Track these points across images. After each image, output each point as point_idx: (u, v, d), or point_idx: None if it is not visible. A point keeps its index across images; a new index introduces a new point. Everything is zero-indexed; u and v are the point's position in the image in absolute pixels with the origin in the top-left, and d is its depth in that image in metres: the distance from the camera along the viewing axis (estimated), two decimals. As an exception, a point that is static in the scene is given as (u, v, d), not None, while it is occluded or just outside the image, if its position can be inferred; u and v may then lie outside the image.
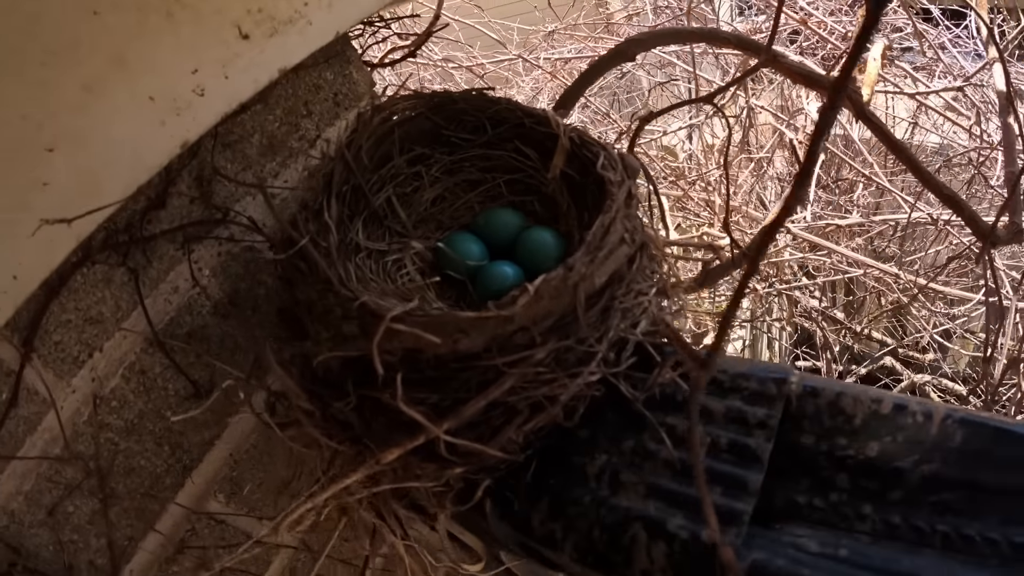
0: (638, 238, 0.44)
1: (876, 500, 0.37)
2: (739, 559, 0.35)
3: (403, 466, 0.42)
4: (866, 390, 0.39)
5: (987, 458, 0.36)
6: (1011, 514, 0.34)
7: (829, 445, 0.38)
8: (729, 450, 0.38)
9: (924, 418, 0.37)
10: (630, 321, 0.43)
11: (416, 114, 0.51)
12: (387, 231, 0.52)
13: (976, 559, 0.34)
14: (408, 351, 0.40)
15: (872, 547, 0.36)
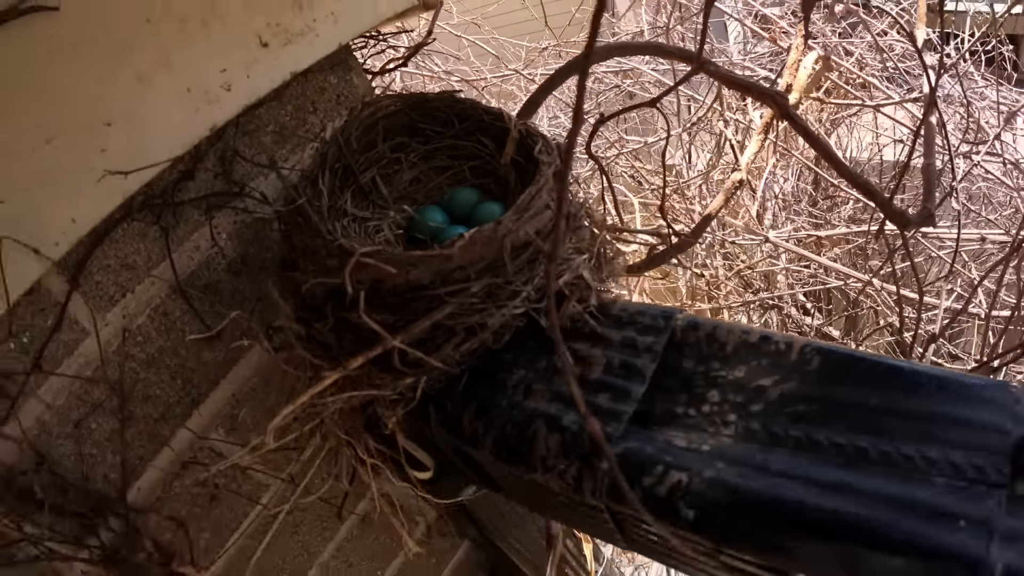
0: (566, 207, 0.56)
1: (740, 411, 0.46)
2: (615, 446, 0.45)
3: (366, 375, 0.52)
4: (739, 325, 0.49)
5: (839, 379, 0.44)
6: (856, 424, 0.43)
7: (705, 367, 0.48)
8: (620, 367, 0.48)
9: (786, 347, 0.47)
10: (562, 267, 0.54)
11: (397, 110, 0.64)
12: (371, 204, 0.64)
13: (822, 458, 0.43)
14: (373, 282, 0.51)
15: (732, 446, 0.45)
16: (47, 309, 0.62)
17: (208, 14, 0.60)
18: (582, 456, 0.45)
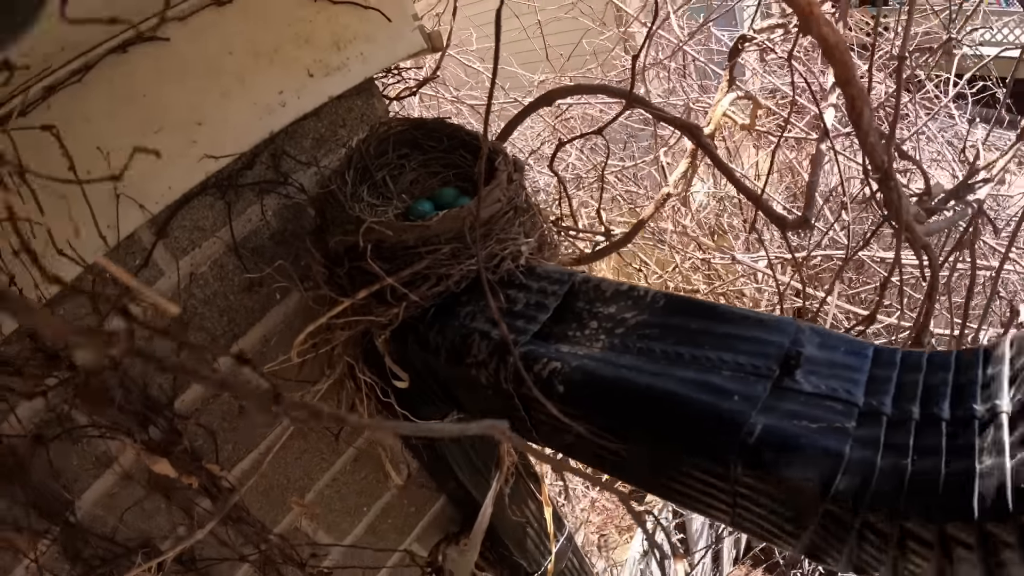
0: (515, 201, 0.79)
1: (608, 332, 0.67)
2: (520, 348, 0.67)
3: (366, 307, 0.76)
4: (616, 280, 0.72)
5: (674, 313, 0.65)
6: (680, 339, 0.63)
7: (590, 307, 0.70)
8: (534, 305, 0.71)
9: (644, 292, 0.69)
10: (505, 243, 0.77)
11: (404, 129, 0.88)
12: (381, 195, 0.88)
13: (653, 359, 0.64)
14: (377, 241, 0.74)
15: (597, 352, 0.66)
16: (136, 252, 0.86)
17: (273, 52, 0.85)
18: (500, 354, 0.68)
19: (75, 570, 0.91)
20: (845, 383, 0.53)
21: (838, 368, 0.55)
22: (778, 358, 0.56)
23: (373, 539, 1.18)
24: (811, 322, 0.69)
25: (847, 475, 0.49)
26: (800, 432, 0.51)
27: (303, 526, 1.09)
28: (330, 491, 1.10)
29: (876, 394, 0.52)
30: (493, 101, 0.64)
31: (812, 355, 0.56)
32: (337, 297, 0.76)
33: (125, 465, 0.91)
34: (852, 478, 0.49)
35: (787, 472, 0.50)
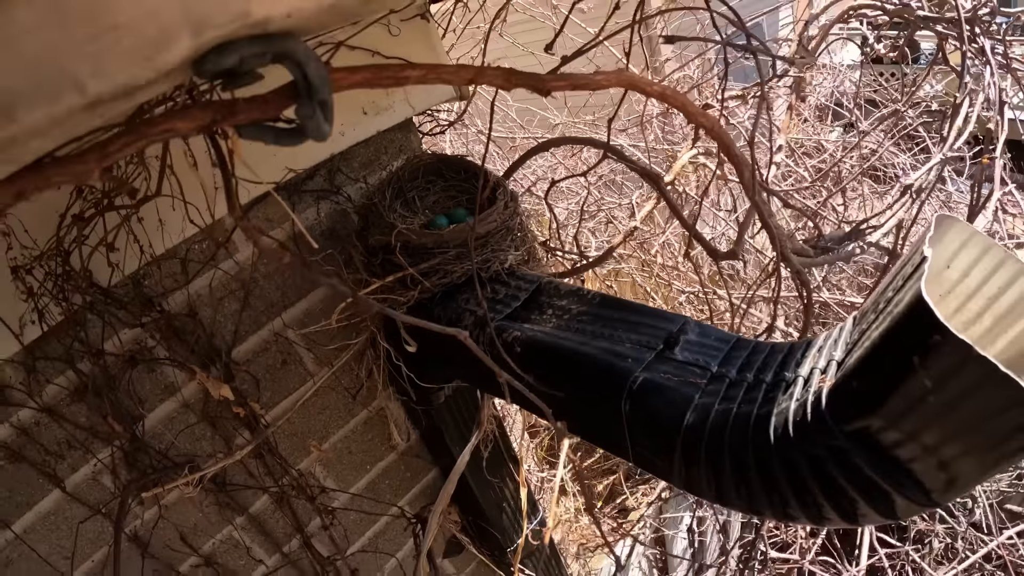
0: (509, 223, 1.07)
1: (557, 317, 0.93)
2: (495, 322, 0.94)
3: (392, 288, 1.03)
4: (571, 285, 0.99)
5: (605, 307, 0.92)
6: (604, 323, 0.91)
7: (549, 300, 0.96)
8: (510, 296, 0.98)
9: (587, 292, 0.96)
10: (497, 252, 1.05)
11: (432, 161, 1.17)
12: (410, 208, 1.17)
13: (581, 334, 0.90)
14: (404, 242, 1.03)
15: (547, 328, 0.93)
16: (221, 233, 1.15)
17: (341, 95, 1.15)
18: (481, 326, 0.95)
19: (131, 474, 1.18)
20: (707, 357, 0.79)
21: (706, 348, 0.81)
22: (664, 338, 0.83)
23: (372, 495, 1.43)
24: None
25: (693, 413, 0.75)
26: (666, 383, 0.77)
27: (316, 471, 1.35)
28: (342, 446, 1.37)
29: (726, 365, 0.78)
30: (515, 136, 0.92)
31: (690, 339, 0.83)
32: (371, 279, 1.05)
33: (186, 396, 1.19)
34: (697, 416, 0.74)
35: (654, 408, 0.76)
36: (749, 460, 0.73)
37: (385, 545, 1.49)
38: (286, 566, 1.39)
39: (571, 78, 0.55)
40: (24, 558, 1.13)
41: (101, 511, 1.17)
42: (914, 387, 0.54)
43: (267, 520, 1.33)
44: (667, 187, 1.11)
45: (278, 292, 1.21)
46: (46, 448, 1.09)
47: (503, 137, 3.16)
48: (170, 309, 1.13)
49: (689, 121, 0.73)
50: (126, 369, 1.11)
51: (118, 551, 1.16)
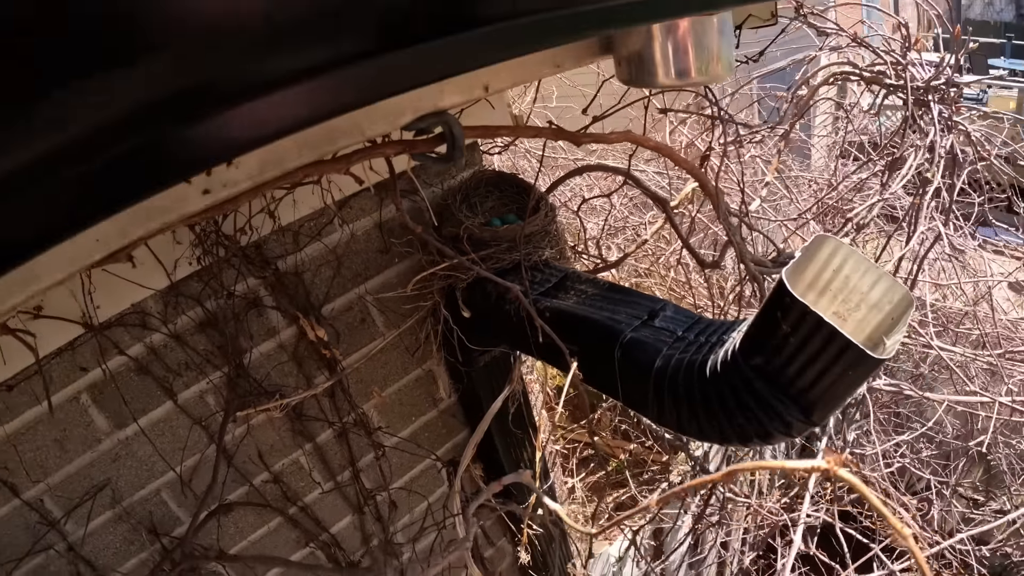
0: (548, 227, 1.61)
1: (578, 295, 1.47)
2: (531, 298, 1.46)
3: (454, 268, 1.57)
4: (589, 274, 1.52)
5: (612, 291, 1.46)
6: (610, 302, 1.44)
7: (573, 284, 1.50)
8: (544, 280, 1.51)
9: (601, 281, 1.49)
10: (537, 249, 1.59)
11: (492, 175, 1.72)
12: (473, 210, 1.72)
13: (591, 306, 1.43)
14: (469, 235, 1.57)
15: (569, 304, 1.46)
16: (325, 216, 1.69)
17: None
18: (521, 309, 1.48)
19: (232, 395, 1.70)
20: (676, 326, 1.32)
21: (676, 321, 1.33)
22: (648, 311, 1.35)
23: (414, 443, 1.96)
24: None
25: (661, 360, 1.27)
26: (645, 340, 1.29)
27: (372, 416, 1.88)
28: (394, 397, 1.90)
29: (688, 331, 1.30)
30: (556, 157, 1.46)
31: (667, 314, 1.35)
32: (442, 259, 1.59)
33: (283, 338, 1.72)
34: (663, 361, 1.27)
35: (636, 356, 1.28)
36: (695, 392, 1.24)
37: (419, 488, 2.01)
38: (336, 492, 1.91)
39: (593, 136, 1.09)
40: (129, 457, 1.63)
41: (201, 424, 1.70)
42: (779, 333, 1.06)
43: (328, 450, 1.86)
44: (672, 210, 1.63)
45: (363, 266, 1.75)
46: (168, 366, 1.61)
47: (549, 156, 3.79)
48: (282, 269, 1.67)
49: (676, 164, 1.26)
50: (246, 309, 1.65)
51: (220, 455, 1.69)
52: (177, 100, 0.58)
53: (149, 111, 0.52)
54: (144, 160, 0.57)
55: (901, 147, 2.03)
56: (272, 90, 0.63)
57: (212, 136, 0.62)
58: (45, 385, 1.45)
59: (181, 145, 0.61)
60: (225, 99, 0.61)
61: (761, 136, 2.54)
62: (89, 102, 0.52)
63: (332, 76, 0.66)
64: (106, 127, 0.51)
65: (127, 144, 0.54)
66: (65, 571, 1.63)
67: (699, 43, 0.95)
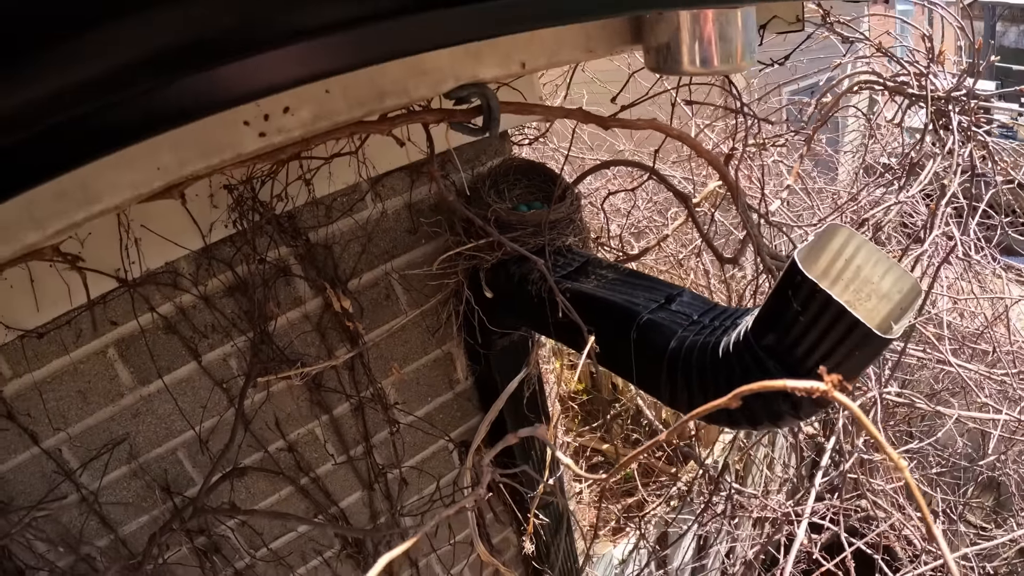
0: (572, 216, 1.68)
1: (599, 280, 1.54)
2: (555, 278, 1.53)
3: (482, 248, 1.64)
4: (608, 260, 1.58)
5: (630, 277, 1.52)
6: (630, 286, 1.50)
7: (594, 268, 1.56)
8: (567, 263, 1.58)
9: (620, 267, 1.55)
10: (561, 235, 1.66)
11: (520, 163, 1.79)
12: (501, 196, 1.79)
13: (612, 290, 1.49)
14: (496, 218, 1.64)
15: (590, 287, 1.53)
16: (358, 193, 1.77)
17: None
18: (543, 281, 1.55)
19: (255, 360, 1.77)
20: (691, 310, 1.38)
21: (692, 306, 1.39)
22: (665, 296, 1.42)
23: (428, 423, 2.02)
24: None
25: (676, 341, 1.33)
26: (661, 322, 1.35)
27: (389, 392, 1.95)
28: (411, 375, 1.96)
29: (703, 316, 1.36)
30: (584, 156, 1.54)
31: (684, 300, 1.41)
32: (468, 240, 1.66)
33: (308, 308, 1.79)
34: (677, 343, 1.33)
35: (651, 337, 1.35)
36: (707, 373, 1.30)
37: (430, 469, 2.07)
38: (348, 466, 1.98)
39: (620, 121, 1.16)
40: (148, 413, 1.70)
41: (223, 386, 1.77)
42: (790, 313, 1.12)
43: (344, 424, 1.93)
44: (695, 207, 1.69)
45: (391, 243, 1.83)
46: (195, 327, 1.69)
47: (575, 156, 3.89)
48: (313, 240, 1.74)
49: (699, 155, 1.32)
50: (275, 277, 1.73)
51: (238, 419, 1.76)
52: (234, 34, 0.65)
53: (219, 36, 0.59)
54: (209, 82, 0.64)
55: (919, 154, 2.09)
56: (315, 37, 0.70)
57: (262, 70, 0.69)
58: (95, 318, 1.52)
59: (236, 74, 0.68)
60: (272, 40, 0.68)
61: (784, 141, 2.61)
62: (168, 27, 0.60)
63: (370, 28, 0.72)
64: (183, 46, 0.58)
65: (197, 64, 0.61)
66: (77, 522, 1.69)
67: (722, 34, 1.02)
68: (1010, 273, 3.34)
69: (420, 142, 1.76)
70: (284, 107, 0.89)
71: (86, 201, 0.79)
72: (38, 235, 0.78)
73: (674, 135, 1.22)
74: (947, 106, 1.95)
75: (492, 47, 1.01)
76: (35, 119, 0.53)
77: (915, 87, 2.01)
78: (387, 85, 0.96)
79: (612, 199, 3.60)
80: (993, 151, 2.09)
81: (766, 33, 1.43)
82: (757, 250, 1.44)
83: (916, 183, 1.96)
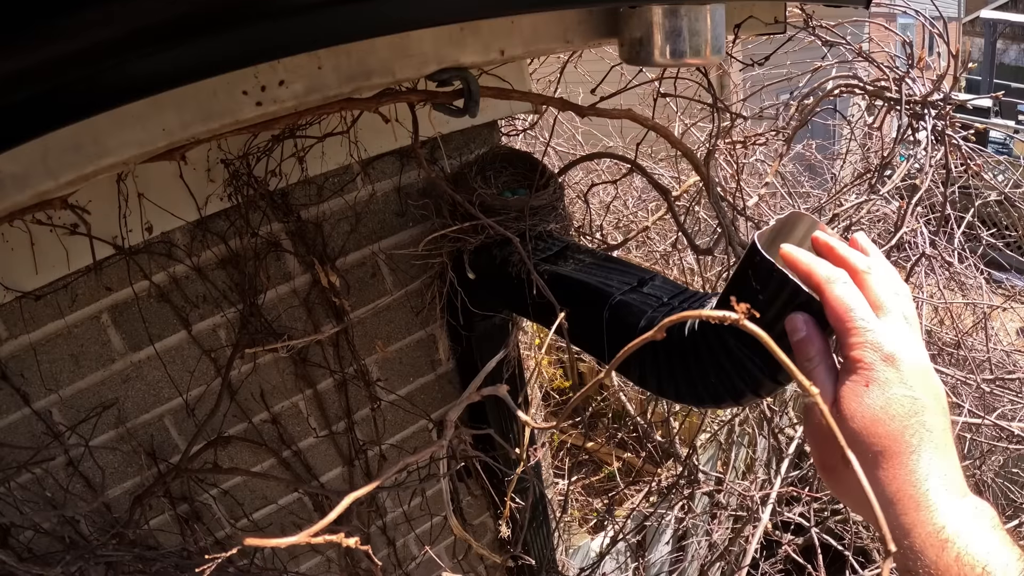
0: (555, 203, 1.79)
1: (576, 263, 1.64)
2: (533, 262, 1.64)
3: (466, 231, 1.74)
4: (587, 245, 1.69)
5: (606, 261, 1.63)
6: (606, 270, 1.60)
7: (573, 253, 1.67)
8: (547, 247, 1.69)
9: (597, 252, 1.66)
10: (543, 221, 1.76)
11: (507, 152, 1.90)
12: (487, 182, 1.90)
13: (588, 273, 1.60)
14: (481, 202, 1.75)
15: (568, 270, 1.63)
16: (349, 174, 1.87)
17: (456, 94, 1.90)
18: (523, 264, 1.65)
19: (243, 332, 1.87)
20: (662, 293, 1.48)
21: (663, 289, 1.50)
22: (637, 279, 1.52)
23: (408, 404, 2.13)
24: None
25: (645, 320, 1.43)
26: (632, 303, 1.46)
27: (372, 370, 2.05)
28: (397, 353, 2.07)
29: (673, 298, 1.47)
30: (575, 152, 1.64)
31: (656, 283, 1.52)
32: (453, 223, 1.76)
33: (297, 284, 1.90)
34: (647, 322, 1.43)
35: (622, 317, 1.45)
36: (673, 351, 1.41)
37: (410, 447, 2.17)
38: (329, 440, 2.08)
39: (597, 110, 1.26)
40: (138, 379, 1.79)
41: (211, 355, 1.87)
42: (750, 289, 1.22)
43: (327, 399, 2.03)
44: (674, 200, 1.80)
45: (379, 224, 1.93)
46: (187, 297, 1.79)
47: (566, 151, 4.00)
48: (304, 218, 1.85)
49: (672, 145, 1.43)
50: (266, 252, 1.83)
51: (224, 387, 1.86)
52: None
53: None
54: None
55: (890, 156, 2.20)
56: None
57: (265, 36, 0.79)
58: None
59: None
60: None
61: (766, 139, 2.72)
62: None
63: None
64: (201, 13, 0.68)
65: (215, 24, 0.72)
66: (63, 484, 1.79)
67: (691, 29, 1.13)
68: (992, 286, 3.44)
69: (409, 127, 1.87)
70: (279, 80, 0.99)
71: (97, 155, 0.90)
72: (51, 184, 0.88)
73: (648, 125, 1.32)
74: (923, 110, 2.06)
75: (474, 34, 1.12)
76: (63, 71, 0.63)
77: (894, 91, 2.13)
78: (374, 64, 1.07)
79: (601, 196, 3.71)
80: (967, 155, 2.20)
81: (745, 33, 1.53)
82: (728, 240, 1.55)
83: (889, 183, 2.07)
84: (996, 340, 3.46)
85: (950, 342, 3.34)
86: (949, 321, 3.36)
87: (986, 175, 2.48)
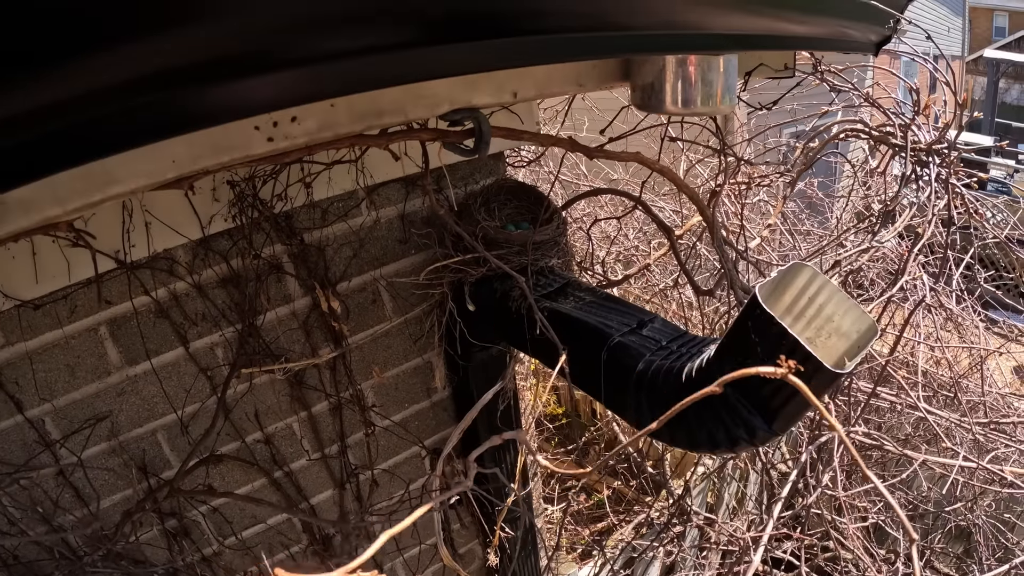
0: (558, 239, 1.79)
1: (576, 301, 1.64)
2: (535, 298, 1.63)
3: (467, 264, 1.74)
4: (589, 283, 1.69)
5: (606, 301, 1.63)
6: (606, 310, 1.60)
7: (574, 291, 1.67)
8: (549, 284, 1.68)
9: (599, 291, 1.66)
10: (545, 256, 1.76)
11: (512, 185, 1.90)
12: (491, 215, 1.90)
13: (587, 312, 1.60)
14: (485, 235, 1.75)
15: (568, 308, 1.63)
16: (354, 200, 1.88)
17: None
18: (523, 299, 1.65)
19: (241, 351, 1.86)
20: (661, 336, 1.48)
21: (662, 332, 1.50)
22: (637, 320, 1.52)
23: (402, 430, 2.12)
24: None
25: (643, 364, 1.43)
26: (631, 345, 1.46)
27: (368, 395, 2.04)
28: (396, 378, 2.06)
29: (672, 342, 1.47)
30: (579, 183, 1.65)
31: (655, 326, 1.52)
32: (455, 255, 1.77)
33: (297, 306, 1.89)
34: (644, 365, 1.43)
35: (620, 359, 1.45)
36: (671, 396, 1.40)
37: (402, 473, 2.16)
38: (321, 464, 2.07)
39: (606, 152, 1.27)
40: (133, 393, 1.78)
41: (207, 374, 1.86)
42: (748, 343, 1.22)
43: (321, 421, 2.03)
44: (677, 239, 1.80)
45: (382, 251, 1.93)
46: (186, 314, 1.78)
47: (570, 181, 4.01)
48: (307, 241, 1.85)
49: (679, 190, 1.43)
50: (268, 273, 1.83)
51: (220, 407, 1.85)
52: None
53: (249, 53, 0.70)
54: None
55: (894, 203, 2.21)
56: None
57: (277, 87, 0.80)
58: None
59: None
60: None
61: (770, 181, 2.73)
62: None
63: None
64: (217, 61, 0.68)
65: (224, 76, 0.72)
66: (52, 493, 1.77)
67: (704, 78, 1.13)
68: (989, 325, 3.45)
69: (416, 156, 1.87)
70: (292, 116, 1.00)
71: (105, 184, 0.90)
72: (59, 210, 0.88)
73: (656, 169, 1.33)
74: (928, 157, 2.07)
75: (487, 77, 1.13)
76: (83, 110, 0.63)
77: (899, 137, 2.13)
78: (386, 105, 1.07)
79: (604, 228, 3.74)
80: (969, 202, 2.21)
81: (754, 79, 1.54)
82: (731, 283, 1.55)
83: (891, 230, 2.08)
84: (991, 382, 3.46)
85: (946, 383, 3.35)
86: (945, 363, 3.37)
87: (987, 223, 2.49)
